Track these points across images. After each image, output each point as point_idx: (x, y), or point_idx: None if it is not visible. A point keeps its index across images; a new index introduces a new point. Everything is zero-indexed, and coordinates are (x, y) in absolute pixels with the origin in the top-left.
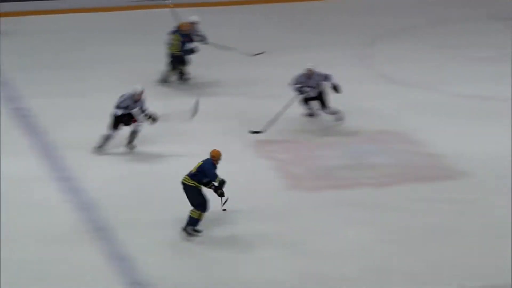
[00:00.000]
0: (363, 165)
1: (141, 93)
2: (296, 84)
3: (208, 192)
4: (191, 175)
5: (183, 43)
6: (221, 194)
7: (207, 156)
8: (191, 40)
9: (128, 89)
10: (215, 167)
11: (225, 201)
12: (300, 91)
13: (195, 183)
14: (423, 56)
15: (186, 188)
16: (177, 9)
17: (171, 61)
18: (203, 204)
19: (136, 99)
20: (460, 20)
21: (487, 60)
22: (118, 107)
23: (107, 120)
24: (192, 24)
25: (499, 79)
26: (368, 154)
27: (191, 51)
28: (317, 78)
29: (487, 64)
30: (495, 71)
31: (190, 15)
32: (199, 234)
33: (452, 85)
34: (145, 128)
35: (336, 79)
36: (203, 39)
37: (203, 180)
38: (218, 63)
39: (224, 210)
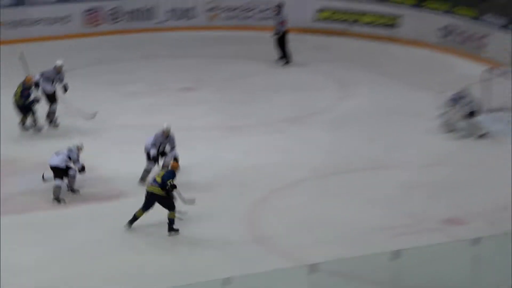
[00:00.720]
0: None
1: (169, 129)
2: None
3: None
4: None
5: (25, 94)
6: None
7: None
8: (29, 94)
9: None
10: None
11: None
12: None
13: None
14: (93, 92)
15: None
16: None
17: (17, 109)
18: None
19: (166, 135)
20: (117, 60)
21: (139, 94)
22: (153, 145)
23: None
24: (59, 67)
25: (150, 109)
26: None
27: (32, 102)
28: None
29: (139, 97)
30: (146, 102)
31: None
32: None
33: (116, 116)
34: None
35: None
36: (65, 87)
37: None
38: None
39: None
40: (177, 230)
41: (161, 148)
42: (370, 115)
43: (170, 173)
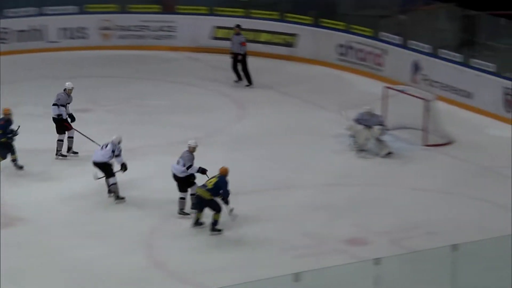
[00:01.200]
0: None
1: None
2: None
3: None
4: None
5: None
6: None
7: None
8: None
9: None
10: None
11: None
12: None
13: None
14: None
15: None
16: None
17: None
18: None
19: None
20: (9, 81)
21: (34, 116)
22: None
23: None
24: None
25: (45, 132)
26: None
27: (12, 134)
28: None
29: (34, 119)
30: (41, 124)
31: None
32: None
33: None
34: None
35: None
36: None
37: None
38: None
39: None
40: (220, 230)
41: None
42: (270, 134)
43: (225, 182)
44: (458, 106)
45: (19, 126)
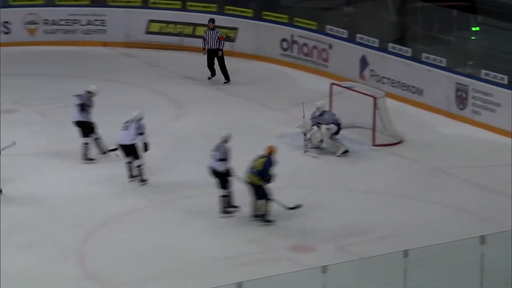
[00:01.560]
0: None
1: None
2: None
3: None
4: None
5: None
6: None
7: None
8: None
9: None
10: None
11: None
12: None
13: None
14: None
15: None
16: None
17: None
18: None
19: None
20: None
21: None
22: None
23: None
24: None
25: None
26: None
27: None
28: None
29: None
30: None
31: None
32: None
33: None
34: None
35: None
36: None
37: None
38: None
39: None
40: (271, 221)
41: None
42: (209, 135)
43: (270, 162)
44: (408, 103)
45: None
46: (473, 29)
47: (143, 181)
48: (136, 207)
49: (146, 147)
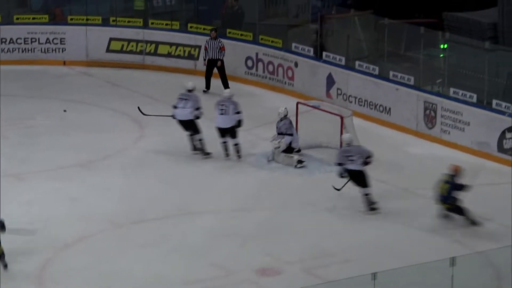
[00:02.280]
0: None
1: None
2: None
3: None
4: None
5: None
6: None
7: None
8: None
9: None
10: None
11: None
12: None
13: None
14: None
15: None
16: None
17: None
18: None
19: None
20: None
21: None
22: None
23: None
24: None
25: None
26: None
27: None
28: None
29: None
30: None
31: None
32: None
33: None
34: None
35: None
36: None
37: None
38: None
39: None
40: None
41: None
42: (171, 156)
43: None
44: (376, 122)
45: None
46: (441, 46)
47: (205, 154)
48: (97, 230)
49: (239, 124)
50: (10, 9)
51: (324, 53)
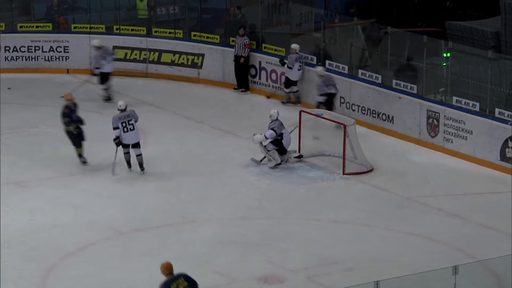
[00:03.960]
0: None
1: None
2: None
3: None
4: None
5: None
6: None
7: None
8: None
9: None
10: None
11: None
12: None
13: None
14: None
15: None
16: None
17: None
18: None
19: None
20: None
21: None
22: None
23: None
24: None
25: None
26: None
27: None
28: None
29: None
30: None
31: None
32: None
33: None
34: None
35: None
36: None
37: None
38: None
39: None
40: None
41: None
42: (173, 163)
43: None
44: (378, 131)
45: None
46: (444, 55)
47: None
48: (100, 238)
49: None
50: (13, 17)
51: (327, 62)
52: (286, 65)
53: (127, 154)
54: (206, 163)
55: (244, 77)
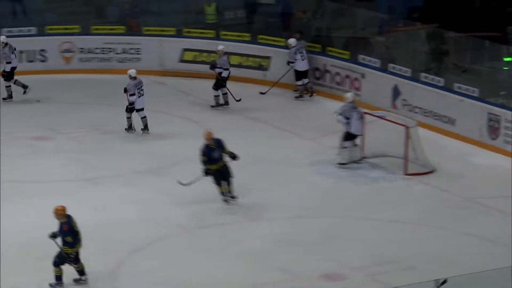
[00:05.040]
0: None
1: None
2: None
3: None
4: None
5: None
6: None
7: None
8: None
9: None
10: None
11: None
12: None
13: None
14: None
15: None
16: None
17: None
18: None
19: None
20: None
21: None
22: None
23: None
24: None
25: None
26: None
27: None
28: None
29: None
30: None
31: None
32: None
33: None
34: None
35: None
36: None
37: None
38: None
39: None
40: None
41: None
42: (238, 163)
43: None
44: (440, 133)
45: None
46: (505, 59)
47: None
48: (166, 234)
49: None
50: (88, 20)
51: (390, 65)
52: (287, 61)
53: (129, 118)
54: (270, 163)
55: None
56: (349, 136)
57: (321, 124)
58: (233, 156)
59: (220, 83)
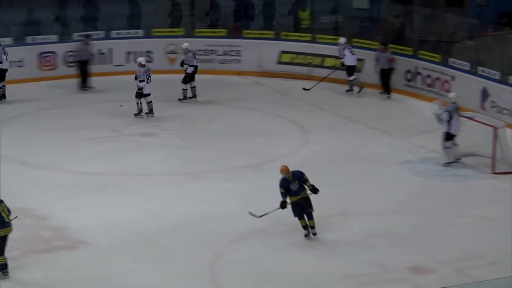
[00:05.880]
0: None
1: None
2: None
3: None
4: None
5: None
6: None
7: None
8: None
9: None
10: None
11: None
12: None
13: None
14: (39, 138)
15: None
16: None
17: None
18: None
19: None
20: (71, 104)
21: (95, 139)
22: None
23: None
24: None
25: (106, 156)
26: None
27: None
28: None
29: (95, 142)
30: (103, 148)
31: None
32: None
33: (69, 163)
34: None
35: None
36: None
37: None
38: None
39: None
40: None
41: None
42: (332, 161)
43: None
44: None
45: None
46: None
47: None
48: (260, 227)
49: None
50: (192, 23)
51: (479, 68)
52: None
53: (138, 104)
54: (362, 160)
55: (388, 84)
56: (449, 136)
57: (411, 124)
58: (314, 190)
59: (188, 78)
